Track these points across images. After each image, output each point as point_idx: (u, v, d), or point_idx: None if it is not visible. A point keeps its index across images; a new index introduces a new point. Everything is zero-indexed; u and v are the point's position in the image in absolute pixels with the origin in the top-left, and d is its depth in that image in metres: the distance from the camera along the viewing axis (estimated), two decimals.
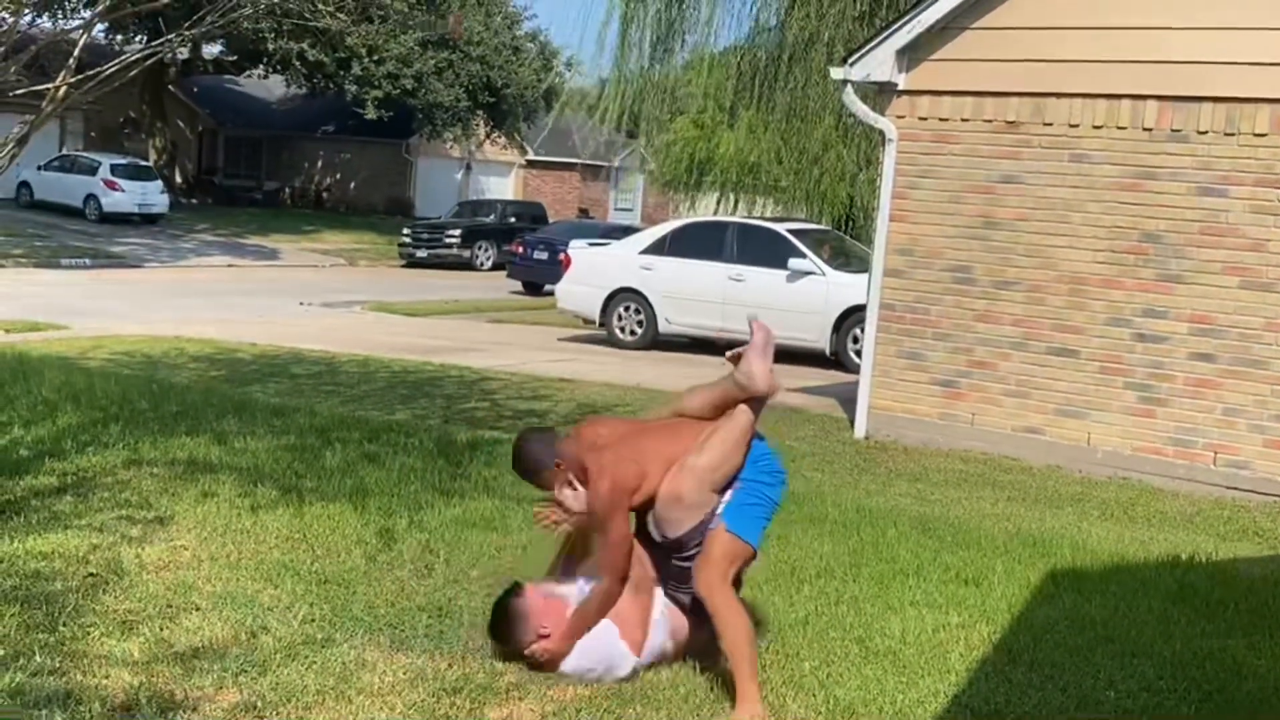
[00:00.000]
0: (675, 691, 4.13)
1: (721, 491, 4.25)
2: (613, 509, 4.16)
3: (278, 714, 3.76)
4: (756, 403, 4.35)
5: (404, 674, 4.12)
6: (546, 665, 4.19)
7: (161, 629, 4.37)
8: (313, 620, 4.59)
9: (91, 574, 4.92)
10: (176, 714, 3.71)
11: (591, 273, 16.84)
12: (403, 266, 31.25)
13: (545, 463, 4.30)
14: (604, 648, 4.19)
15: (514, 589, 4.32)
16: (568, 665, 4.17)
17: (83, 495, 6.17)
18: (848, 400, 11.17)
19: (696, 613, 4.24)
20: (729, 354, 4.43)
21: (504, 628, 4.25)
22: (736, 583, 4.31)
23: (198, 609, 4.62)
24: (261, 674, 4.04)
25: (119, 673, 3.97)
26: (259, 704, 3.81)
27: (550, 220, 33.40)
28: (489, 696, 4.00)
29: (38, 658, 4.03)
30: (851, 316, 14.46)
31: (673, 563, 4.28)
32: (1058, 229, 9.46)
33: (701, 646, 4.32)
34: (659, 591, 4.34)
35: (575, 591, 4.32)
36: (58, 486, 6.32)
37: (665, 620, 4.31)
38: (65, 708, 3.67)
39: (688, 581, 4.24)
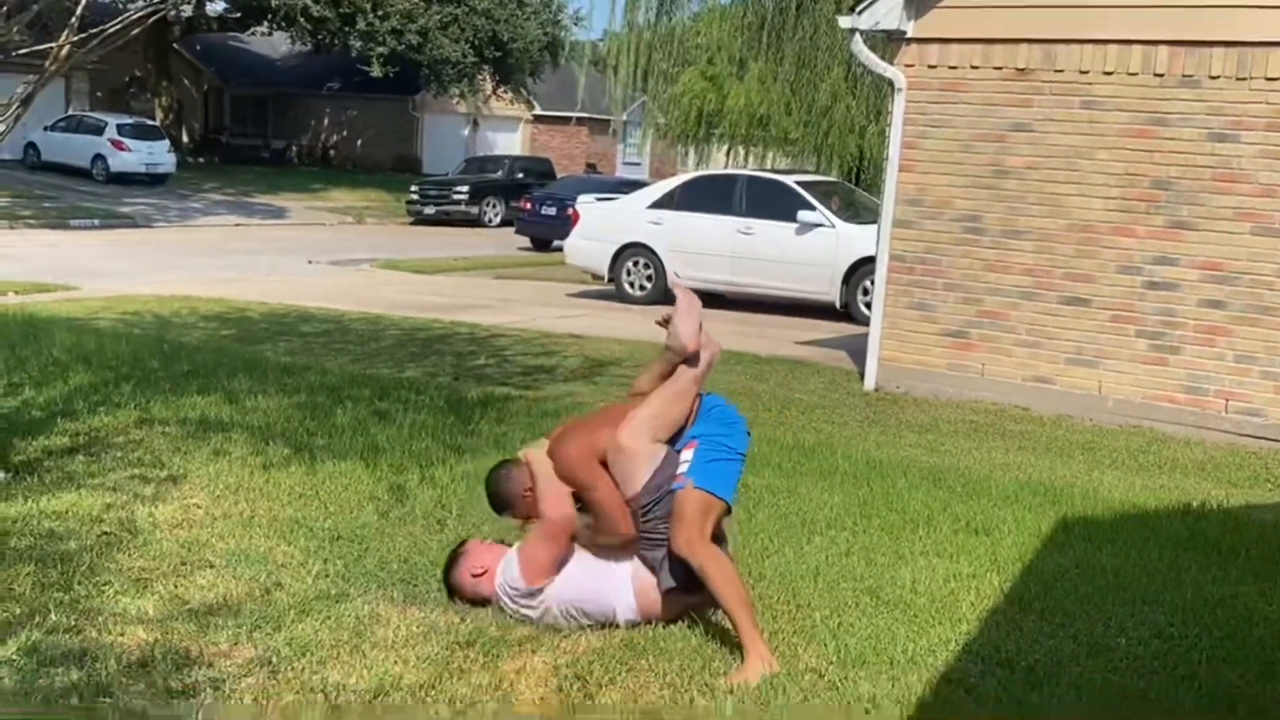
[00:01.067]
0: (687, 643, 4.15)
1: (672, 443, 4.30)
2: (577, 474, 4.26)
3: (293, 669, 3.79)
4: (695, 362, 4.38)
5: (417, 628, 4.14)
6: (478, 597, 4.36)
7: (176, 586, 4.40)
8: (326, 576, 4.62)
9: (105, 533, 4.96)
10: (192, 670, 3.73)
11: (600, 228, 16.79)
12: (410, 224, 31.20)
13: (515, 492, 4.41)
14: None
15: (464, 541, 4.59)
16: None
17: (95, 455, 6.20)
18: (857, 352, 11.16)
19: (690, 579, 4.20)
20: (658, 320, 4.46)
21: (448, 566, 4.48)
22: (719, 539, 4.30)
23: (211, 566, 4.65)
24: (276, 629, 4.07)
25: (134, 630, 4.00)
26: (274, 659, 3.84)
27: (558, 175, 33.28)
28: (502, 649, 4.03)
29: (53, 616, 4.06)
30: (861, 268, 14.40)
31: (638, 523, 4.28)
32: (1068, 177, 9.40)
33: (694, 607, 4.31)
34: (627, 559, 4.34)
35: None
36: (70, 446, 6.35)
37: (630, 581, 4.31)
38: (81, 665, 3.71)
39: (656, 540, 4.23)
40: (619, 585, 4.30)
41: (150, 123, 35.54)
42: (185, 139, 40.08)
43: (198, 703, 3.53)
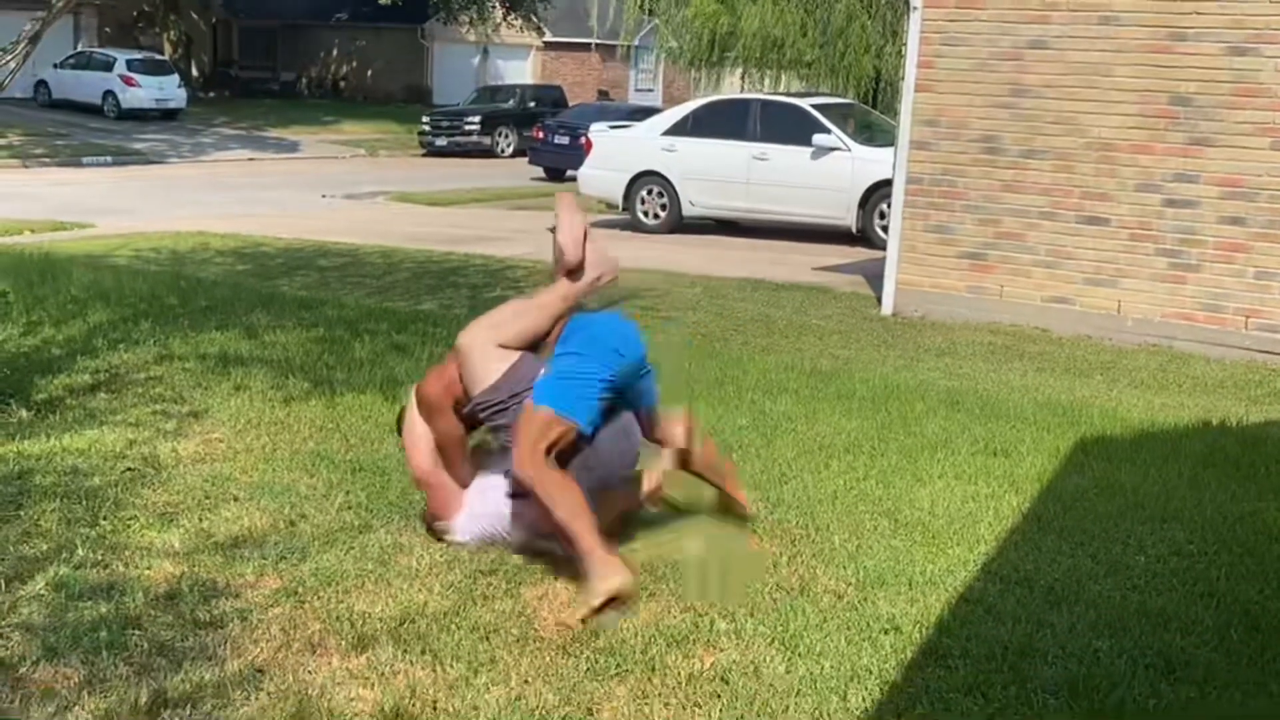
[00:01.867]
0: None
1: (534, 350, 4.22)
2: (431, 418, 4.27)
3: (318, 598, 3.83)
4: (577, 274, 4.33)
5: (440, 557, 4.18)
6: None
7: (201, 520, 4.45)
8: (349, 508, 4.66)
9: (129, 468, 4.99)
10: (219, 601, 3.78)
11: (613, 156, 16.67)
12: (423, 156, 31.04)
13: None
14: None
15: None
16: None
17: (116, 392, 6.24)
18: (874, 277, 11.12)
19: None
20: (547, 227, 4.41)
21: None
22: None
23: (236, 499, 4.69)
24: (301, 560, 4.11)
25: (161, 563, 4.05)
26: (300, 589, 3.89)
27: (570, 104, 33.00)
28: (524, 576, 4.06)
29: (80, 551, 4.10)
30: (878, 192, 14.30)
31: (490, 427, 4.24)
32: (1086, 95, 9.29)
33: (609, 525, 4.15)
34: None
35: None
36: (91, 384, 6.39)
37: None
38: (109, 599, 3.75)
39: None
40: (500, 499, 4.23)
41: (159, 58, 35.38)
42: (195, 73, 39.88)
43: (225, 634, 3.57)
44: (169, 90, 33.43)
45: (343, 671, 3.38)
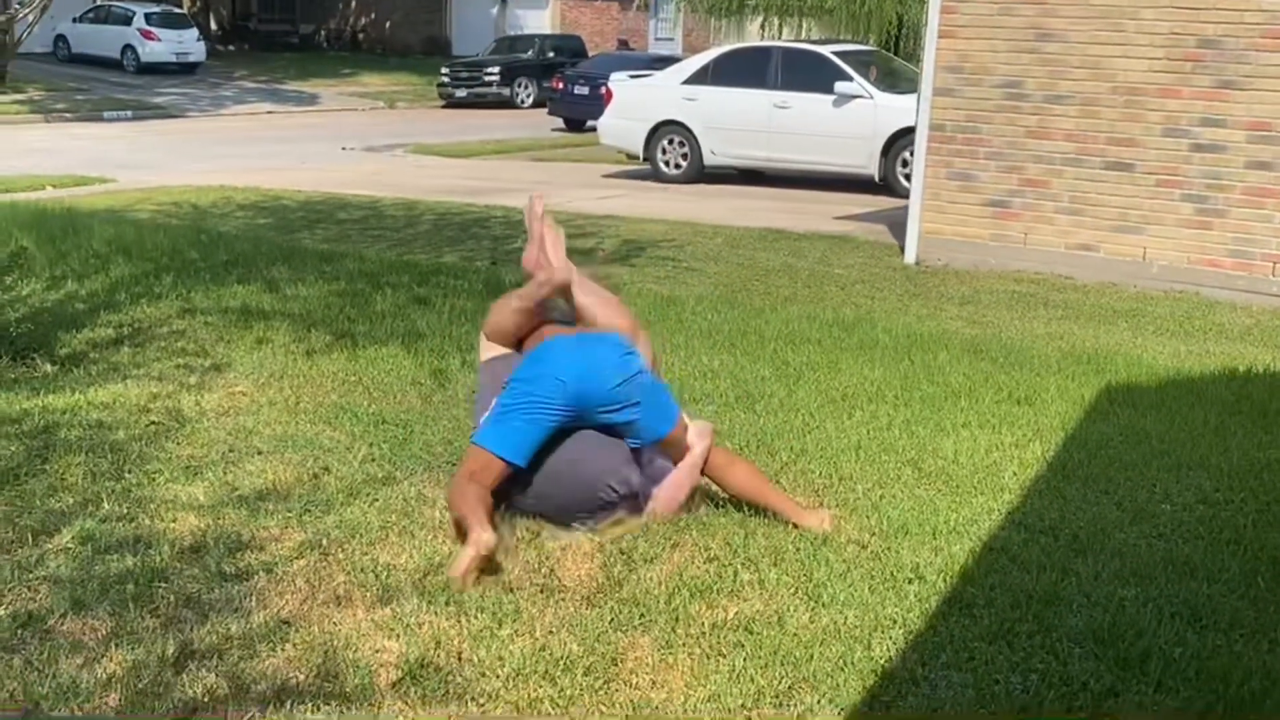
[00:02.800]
0: (730, 518, 4.17)
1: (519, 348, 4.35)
2: None
3: (343, 551, 3.85)
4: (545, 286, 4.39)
5: None
6: None
7: (225, 473, 4.46)
8: (373, 460, 4.67)
9: (153, 422, 5.02)
10: (244, 554, 3.80)
11: (633, 106, 16.55)
12: (442, 107, 30.91)
13: None
14: None
15: None
16: None
17: (139, 345, 6.26)
18: (897, 225, 11.04)
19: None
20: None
21: None
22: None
23: (260, 452, 4.71)
24: (326, 513, 4.13)
25: (186, 516, 4.07)
26: (324, 542, 3.90)
27: (590, 54, 32.75)
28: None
29: (106, 505, 4.13)
30: (900, 140, 14.17)
31: None
32: (1111, 38, 9.15)
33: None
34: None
35: None
36: (114, 338, 6.41)
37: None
38: (136, 552, 3.78)
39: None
40: None
41: (178, 10, 35.25)
42: (213, 26, 39.73)
43: (251, 586, 3.59)
44: (188, 44, 33.33)
45: (368, 623, 3.40)
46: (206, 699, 3.00)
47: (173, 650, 3.18)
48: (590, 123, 21.00)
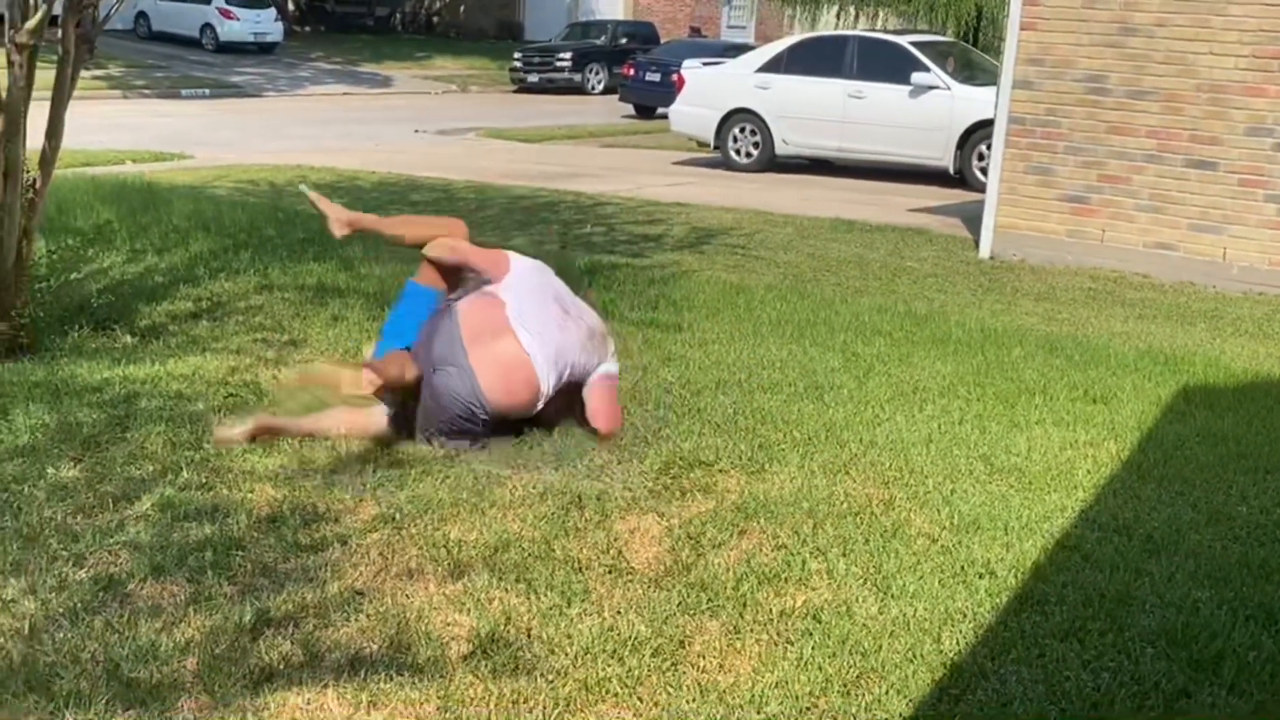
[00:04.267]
0: (799, 508, 4.17)
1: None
2: None
3: (415, 525, 3.89)
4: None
5: (533, 488, 4.22)
6: None
7: (301, 446, 4.52)
8: None
9: (231, 394, 5.10)
10: (319, 526, 3.86)
11: (705, 93, 16.52)
12: (514, 92, 31.06)
13: None
14: None
15: None
16: None
17: (218, 320, 6.36)
18: (972, 219, 10.94)
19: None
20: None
21: None
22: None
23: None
24: (399, 488, 4.17)
25: (263, 487, 4.13)
26: (397, 515, 3.95)
27: (662, 40, 32.71)
28: (615, 509, 4.09)
29: (185, 474, 4.21)
30: (977, 132, 14.03)
31: None
32: (1198, 34, 8.99)
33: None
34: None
35: None
36: (193, 311, 6.52)
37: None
38: (213, 520, 3.84)
39: None
40: None
41: None
42: (291, 7, 40.13)
43: (326, 557, 3.65)
44: (266, 24, 33.72)
45: (440, 597, 3.44)
46: (282, 666, 3.05)
47: (249, 617, 3.24)
48: (661, 110, 21.01)
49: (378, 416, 4.65)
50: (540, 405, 4.62)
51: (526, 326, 4.55)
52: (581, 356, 4.68)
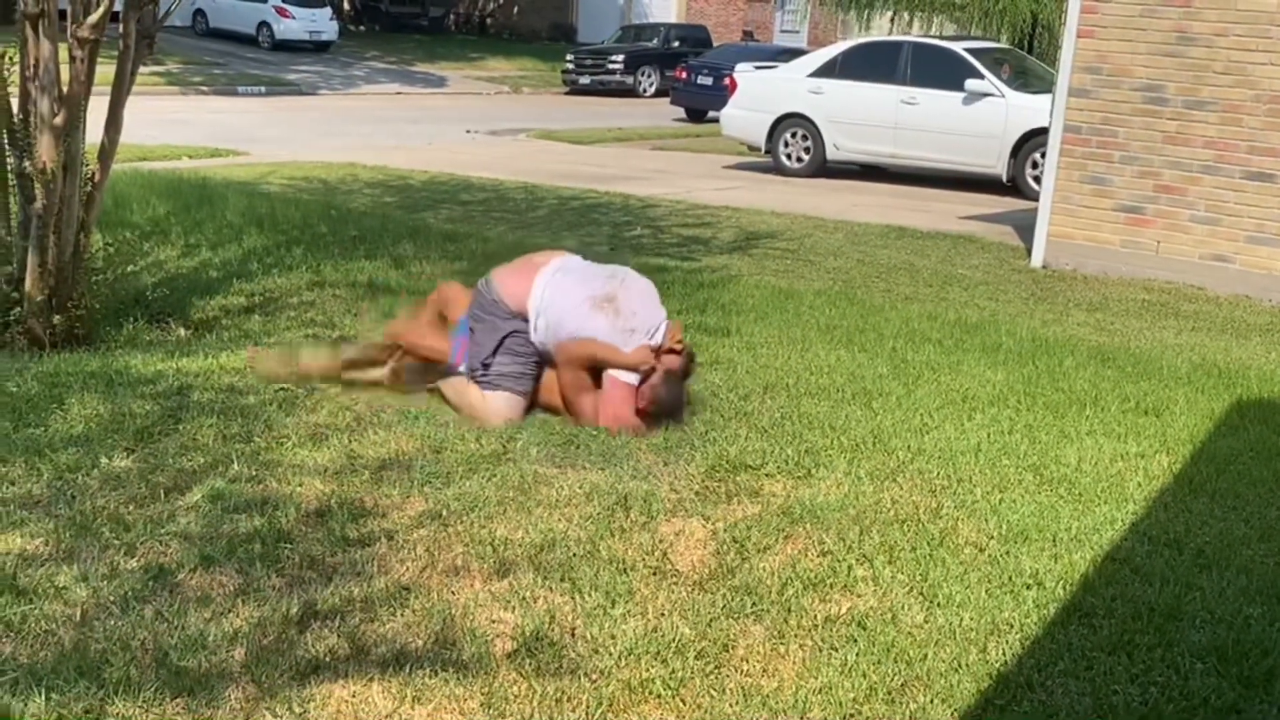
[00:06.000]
0: (845, 513, 4.15)
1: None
2: None
3: (461, 523, 3.91)
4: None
5: (579, 488, 4.23)
6: None
7: (350, 441, 4.56)
8: (491, 437, 4.73)
9: (282, 388, 5.14)
10: (367, 521, 3.88)
11: (757, 97, 16.49)
12: (566, 93, 31.15)
13: None
14: None
15: None
16: None
17: (270, 314, 6.43)
18: (1024, 228, 10.85)
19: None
20: None
21: None
22: None
23: (382, 424, 4.79)
24: (445, 485, 4.20)
25: (312, 481, 4.17)
26: (444, 513, 3.97)
27: (714, 44, 32.69)
28: (661, 510, 4.09)
29: (235, 466, 4.25)
30: (1031, 140, 13.93)
31: None
32: (1258, 44, 8.87)
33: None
34: None
35: None
36: (246, 306, 6.59)
37: None
38: (263, 513, 3.88)
39: None
40: None
41: None
42: (346, 6, 40.46)
43: (373, 552, 3.67)
44: (321, 22, 34.02)
45: (485, 594, 3.45)
46: (328, 658, 3.07)
47: (297, 610, 3.27)
48: (712, 113, 20.99)
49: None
50: (532, 303, 4.96)
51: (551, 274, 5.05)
52: (577, 323, 4.91)
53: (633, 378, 4.88)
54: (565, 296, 4.95)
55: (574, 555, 3.72)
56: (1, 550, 3.52)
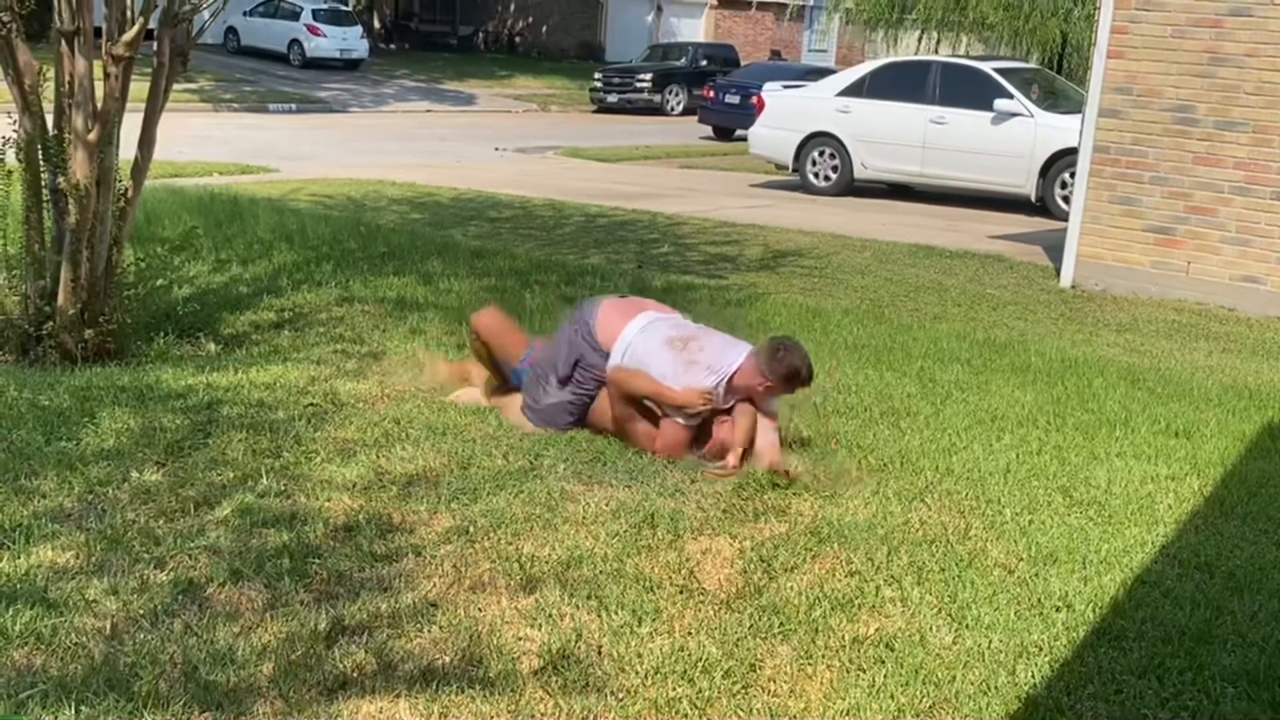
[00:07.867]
0: (873, 533, 4.13)
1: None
2: None
3: (489, 539, 3.91)
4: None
5: (606, 505, 4.23)
6: None
7: (378, 457, 4.57)
8: (518, 453, 4.73)
9: (311, 404, 5.16)
10: (394, 536, 3.89)
11: (785, 116, 16.50)
12: (594, 112, 31.24)
13: None
14: None
15: None
16: None
17: (299, 330, 6.46)
18: (1053, 248, 10.81)
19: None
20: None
21: None
22: None
23: (411, 439, 4.80)
24: (472, 501, 4.20)
25: (340, 496, 4.18)
26: (471, 529, 3.97)
27: (742, 63, 32.76)
28: (688, 529, 4.08)
29: (264, 480, 4.27)
30: (1060, 160, 13.88)
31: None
32: None
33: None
34: None
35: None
36: (276, 321, 6.63)
37: None
38: (291, 528, 3.89)
39: None
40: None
41: (344, 8, 36.23)
42: (376, 25, 40.76)
43: (400, 568, 3.68)
44: (352, 41, 34.26)
45: (511, 611, 3.45)
46: (355, 674, 3.08)
47: (324, 625, 3.28)
48: (739, 132, 21.00)
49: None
50: (621, 341, 4.91)
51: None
52: (656, 363, 4.84)
53: (688, 421, 4.83)
54: (651, 340, 4.88)
55: (600, 573, 3.72)
56: (33, 563, 3.55)
